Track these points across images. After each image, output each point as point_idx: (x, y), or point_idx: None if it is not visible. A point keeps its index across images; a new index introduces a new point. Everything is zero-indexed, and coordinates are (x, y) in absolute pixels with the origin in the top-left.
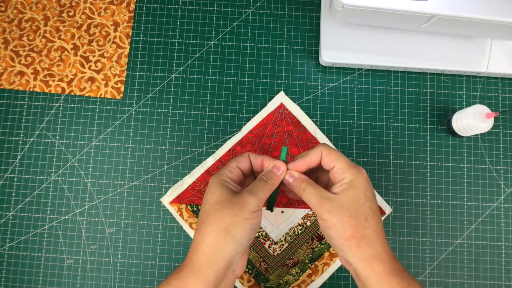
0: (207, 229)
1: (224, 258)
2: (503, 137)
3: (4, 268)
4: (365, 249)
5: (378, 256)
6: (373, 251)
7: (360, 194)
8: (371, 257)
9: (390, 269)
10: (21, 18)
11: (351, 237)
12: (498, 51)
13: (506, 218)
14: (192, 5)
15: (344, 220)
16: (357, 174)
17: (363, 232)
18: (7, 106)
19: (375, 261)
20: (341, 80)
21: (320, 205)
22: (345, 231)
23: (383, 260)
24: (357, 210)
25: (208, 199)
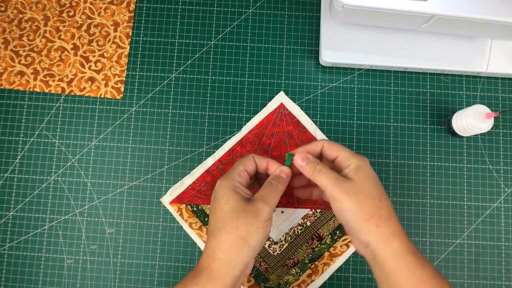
0: (223, 237)
1: (241, 265)
2: (503, 137)
3: (4, 268)
4: (383, 228)
5: (395, 235)
6: (391, 230)
7: (370, 176)
8: (390, 236)
9: (407, 247)
10: (21, 18)
11: (370, 217)
12: (498, 51)
13: (506, 218)
14: (192, 5)
15: (362, 200)
16: (362, 160)
17: (380, 212)
18: (7, 106)
19: (393, 240)
20: (341, 80)
21: (337, 187)
22: (364, 211)
23: (400, 238)
24: (371, 191)
25: (221, 206)
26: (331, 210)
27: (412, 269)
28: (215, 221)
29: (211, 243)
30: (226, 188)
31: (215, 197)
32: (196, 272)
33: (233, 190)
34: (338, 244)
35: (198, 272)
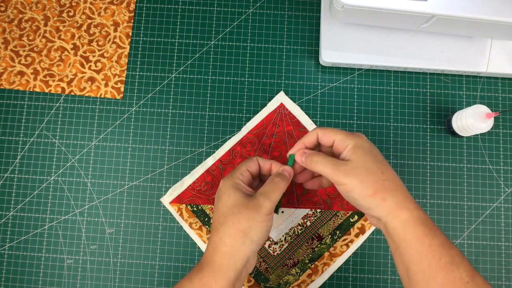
0: (226, 231)
1: (243, 258)
2: (503, 137)
3: (4, 268)
4: (389, 200)
5: (402, 205)
6: (396, 200)
7: (368, 152)
8: (396, 207)
9: (415, 217)
10: (21, 18)
11: (374, 192)
12: (498, 51)
13: (506, 218)
14: (192, 5)
15: (364, 178)
16: (358, 138)
17: (384, 185)
18: (7, 106)
19: (400, 210)
20: (341, 80)
21: (337, 171)
22: (368, 188)
23: (408, 208)
24: (371, 166)
25: (224, 202)
26: (331, 209)
27: (420, 239)
28: (218, 216)
29: (214, 238)
30: (228, 186)
31: (218, 195)
32: (200, 266)
33: (235, 187)
34: (338, 244)
35: (202, 266)
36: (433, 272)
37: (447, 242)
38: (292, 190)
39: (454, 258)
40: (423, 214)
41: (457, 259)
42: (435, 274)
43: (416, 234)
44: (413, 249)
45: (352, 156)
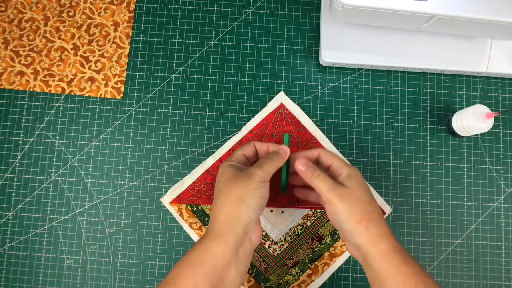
0: (223, 201)
1: (240, 223)
2: (503, 137)
3: (4, 268)
4: (372, 230)
5: (383, 236)
6: (379, 232)
7: (360, 183)
8: (378, 237)
9: (393, 247)
10: (21, 18)
11: (361, 220)
12: (498, 51)
13: (506, 218)
14: (192, 5)
15: (354, 205)
16: (352, 169)
17: (370, 215)
18: (7, 106)
19: (381, 241)
20: (341, 80)
21: (333, 192)
22: (356, 215)
23: (388, 239)
24: (362, 196)
25: (220, 178)
26: None
27: (396, 267)
28: (215, 192)
29: (213, 211)
30: (224, 166)
31: (217, 178)
32: (201, 236)
33: (229, 166)
34: (338, 244)
35: (203, 236)
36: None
37: (421, 270)
38: (291, 190)
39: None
40: (399, 245)
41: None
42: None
43: (393, 263)
44: (391, 276)
45: (347, 183)
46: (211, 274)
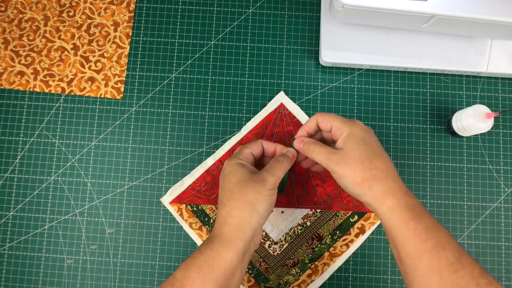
0: (233, 204)
1: (250, 229)
2: (503, 137)
3: (4, 268)
4: (375, 188)
5: (389, 192)
6: (384, 188)
7: (360, 141)
8: (383, 194)
9: (403, 204)
10: (21, 18)
11: (362, 181)
12: (498, 51)
13: (506, 218)
14: (192, 5)
15: (353, 167)
16: (353, 126)
17: (371, 174)
18: (7, 106)
19: (387, 197)
20: (341, 80)
21: (329, 160)
22: (356, 176)
23: (395, 195)
24: (360, 156)
25: (230, 178)
26: (331, 209)
27: (405, 223)
28: (224, 192)
29: (221, 213)
30: (233, 164)
31: (223, 174)
32: (209, 239)
33: (240, 165)
34: (338, 244)
35: (211, 239)
36: (419, 255)
37: (434, 225)
38: (291, 190)
39: (440, 240)
40: (412, 200)
41: (443, 241)
42: (421, 256)
43: (402, 219)
44: (400, 233)
45: (344, 145)
46: (220, 279)
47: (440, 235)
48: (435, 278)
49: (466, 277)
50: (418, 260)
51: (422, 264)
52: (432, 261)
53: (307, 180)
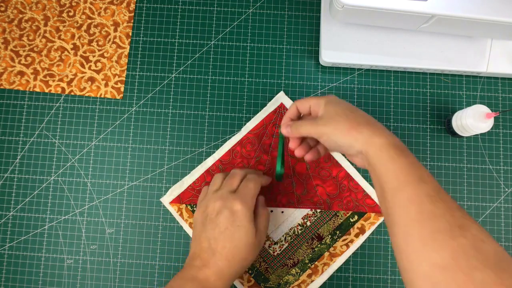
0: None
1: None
2: (503, 137)
3: (4, 268)
4: (364, 131)
5: (377, 132)
6: (372, 129)
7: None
8: (372, 135)
9: (391, 142)
10: (21, 18)
11: (350, 127)
12: (498, 51)
13: (506, 218)
14: (192, 5)
15: (338, 120)
16: (328, 96)
17: (356, 120)
18: (7, 106)
19: (375, 137)
20: (341, 80)
21: (315, 125)
22: (343, 126)
23: (382, 135)
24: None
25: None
26: (331, 209)
27: (391, 158)
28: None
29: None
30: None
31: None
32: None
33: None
34: (338, 244)
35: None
36: (403, 186)
37: (417, 162)
38: (291, 190)
39: (423, 176)
40: (398, 140)
41: (425, 176)
42: (404, 187)
43: (389, 154)
44: (387, 168)
45: (324, 110)
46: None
47: (422, 172)
48: (414, 208)
49: (442, 208)
50: (400, 192)
51: (403, 196)
52: (413, 193)
53: (307, 180)
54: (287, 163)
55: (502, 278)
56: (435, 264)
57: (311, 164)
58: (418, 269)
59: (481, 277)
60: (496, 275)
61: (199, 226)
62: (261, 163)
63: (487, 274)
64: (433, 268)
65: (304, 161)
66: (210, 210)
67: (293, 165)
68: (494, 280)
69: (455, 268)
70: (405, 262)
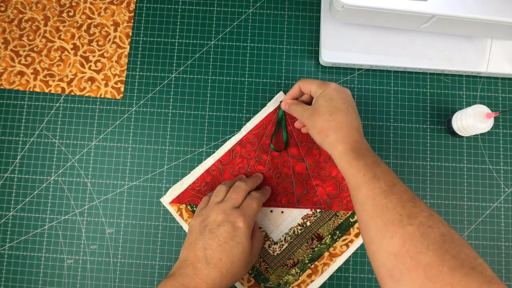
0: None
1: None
2: (503, 137)
3: (4, 268)
4: (331, 136)
5: (340, 140)
6: (337, 137)
7: (327, 99)
8: (335, 142)
9: (349, 148)
10: (21, 18)
11: (321, 130)
12: (498, 51)
13: (506, 218)
14: (192, 5)
15: (316, 119)
16: (326, 88)
17: (329, 124)
18: (7, 106)
19: (338, 144)
20: (341, 80)
21: (302, 114)
22: (317, 126)
23: (344, 142)
24: (324, 110)
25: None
26: (331, 209)
27: (349, 163)
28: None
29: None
30: (247, 239)
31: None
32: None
33: (250, 240)
34: (338, 244)
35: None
36: (359, 186)
37: (373, 163)
38: (291, 190)
39: (376, 174)
40: (359, 145)
41: (379, 174)
42: (360, 187)
43: (347, 160)
44: (347, 171)
45: (315, 103)
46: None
47: (377, 170)
48: (370, 203)
49: (394, 201)
50: (358, 191)
51: (361, 194)
52: (368, 191)
53: (307, 180)
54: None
55: (443, 259)
56: (389, 251)
57: (311, 164)
58: (378, 259)
59: (426, 260)
60: (439, 257)
61: (196, 234)
62: (261, 163)
63: (430, 256)
64: (388, 255)
65: (304, 161)
66: (211, 221)
67: (293, 165)
68: (437, 262)
69: (404, 254)
70: (369, 254)
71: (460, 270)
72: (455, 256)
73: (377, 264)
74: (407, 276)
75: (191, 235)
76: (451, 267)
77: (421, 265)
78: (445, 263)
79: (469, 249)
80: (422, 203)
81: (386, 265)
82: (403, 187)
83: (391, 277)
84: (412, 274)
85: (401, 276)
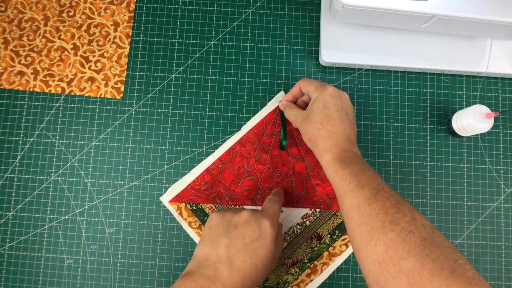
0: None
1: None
2: (503, 137)
3: (4, 268)
4: (320, 145)
5: (327, 149)
6: (325, 145)
7: (320, 105)
8: (323, 150)
9: (336, 157)
10: (21, 18)
11: (311, 137)
12: (498, 51)
13: (506, 218)
14: (192, 5)
15: (307, 126)
16: (322, 91)
17: (318, 133)
18: (7, 106)
19: (326, 153)
20: (341, 80)
21: (296, 119)
22: (308, 133)
23: (331, 151)
24: (316, 118)
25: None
26: (331, 209)
27: (337, 172)
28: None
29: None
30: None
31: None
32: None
33: (274, 242)
34: (337, 243)
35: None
36: (345, 195)
37: (359, 171)
38: (291, 189)
39: (361, 182)
40: (345, 153)
41: (363, 182)
42: (346, 196)
43: (334, 169)
44: (334, 180)
45: (309, 108)
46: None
47: (362, 178)
48: (355, 211)
49: (377, 208)
50: (344, 200)
51: (347, 203)
52: (353, 199)
53: (306, 179)
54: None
55: (423, 264)
56: (374, 259)
57: (310, 164)
58: (364, 266)
59: (408, 266)
60: (419, 262)
61: (218, 229)
62: (261, 162)
63: (411, 262)
64: (373, 263)
65: (304, 160)
66: (235, 217)
67: (292, 164)
68: (417, 267)
69: (388, 261)
70: (358, 261)
71: (440, 274)
72: (434, 260)
73: (365, 271)
74: (391, 283)
75: (212, 230)
76: (431, 271)
77: (403, 271)
78: (425, 268)
79: (450, 251)
80: (406, 207)
81: (372, 272)
82: (387, 193)
83: (377, 284)
84: (396, 281)
85: (386, 283)
